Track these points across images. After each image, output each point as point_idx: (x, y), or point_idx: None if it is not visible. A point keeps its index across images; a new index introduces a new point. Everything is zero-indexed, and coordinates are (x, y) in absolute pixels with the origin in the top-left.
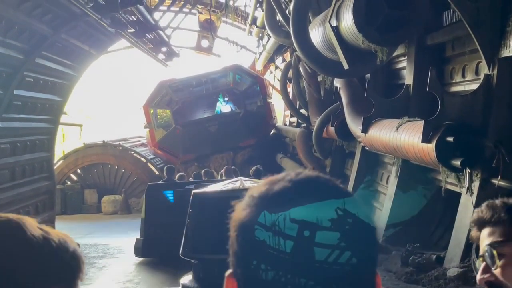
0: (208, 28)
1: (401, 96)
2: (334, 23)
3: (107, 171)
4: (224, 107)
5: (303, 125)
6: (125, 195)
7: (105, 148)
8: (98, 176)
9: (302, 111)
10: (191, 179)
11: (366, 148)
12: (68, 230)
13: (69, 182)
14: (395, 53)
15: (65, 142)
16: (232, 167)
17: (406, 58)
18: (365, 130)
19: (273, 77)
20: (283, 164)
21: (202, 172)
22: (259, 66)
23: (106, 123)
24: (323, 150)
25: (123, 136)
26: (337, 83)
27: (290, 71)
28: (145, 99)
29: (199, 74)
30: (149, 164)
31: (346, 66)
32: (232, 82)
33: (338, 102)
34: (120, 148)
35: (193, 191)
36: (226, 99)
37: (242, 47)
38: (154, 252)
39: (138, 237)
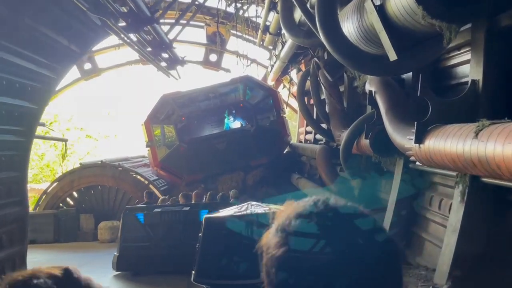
0: (216, 42)
1: (467, 94)
2: (377, 1)
3: (106, 194)
4: (233, 122)
5: (321, 142)
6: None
7: (103, 168)
8: (96, 199)
9: (322, 125)
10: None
11: (418, 163)
12: (59, 262)
13: (64, 207)
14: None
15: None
16: (209, 192)
17: (461, 50)
18: (419, 139)
19: (286, 92)
20: (300, 185)
21: (180, 195)
22: (271, 79)
23: (123, 141)
24: (351, 169)
25: (124, 155)
26: (372, 86)
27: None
28: (146, 115)
29: (206, 86)
30: (151, 186)
31: (393, 57)
32: (242, 95)
33: (373, 110)
34: (120, 169)
35: (205, 215)
36: (235, 113)
37: (252, 61)
38: (128, 266)
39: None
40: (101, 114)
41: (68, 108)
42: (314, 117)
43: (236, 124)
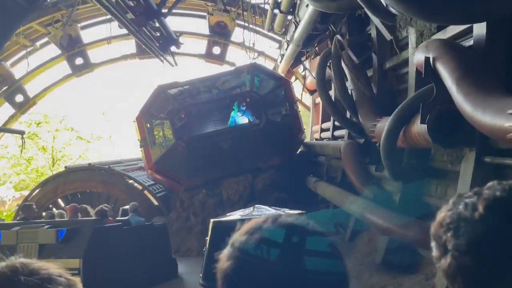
0: (219, 33)
1: None
2: None
3: (95, 201)
4: (239, 117)
5: (342, 139)
6: None
7: (91, 172)
8: None
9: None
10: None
11: None
12: None
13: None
14: None
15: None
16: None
17: None
18: None
19: (297, 87)
20: (319, 190)
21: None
22: (282, 70)
23: (119, 143)
24: (396, 168)
25: (118, 158)
26: (430, 51)
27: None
28: (139, 109)
29: (208, 76)
30: (146, 192)
31: None
32: (250, 86)
33: (429, 85)
34: (111, 172)
35: (212, 219)
36: (242, 107)
37: (260, 53)
38: None
39: None
40: (96, 114)
41: (59, 108)
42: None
43: (242, 119)
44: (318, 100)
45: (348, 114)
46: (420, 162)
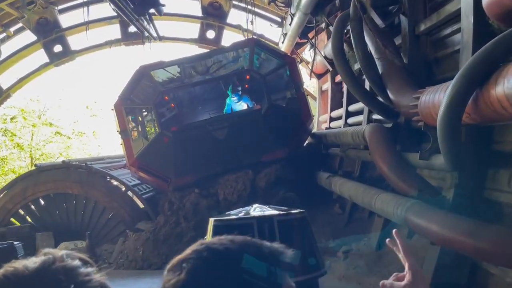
0: (214, 14)
1: None
2: None
3: (71, 205)
4: (237, 104)
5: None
6: (90, 240)
7: (66, 172)
8: (58, 212)
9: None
10: None
11: None
12: None
13: (18, 223)
14: None
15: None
16: None
17: None
18: None
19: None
20: (334, 187)
21: None
22: (285, 49)
23: (104, 139)
24: (458, 154)
25: (100, 155)
26: None
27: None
28: (118, 95)
29: (199, 54)
30: (130, 193)
31: None
32: (249, 65)
33: None
34: (88, 171)
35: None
36: (239, 91)
37: (259, 36)
38: None
39: None
40: (79, 107)
41: (37, 101)
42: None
43: (240, 105)
44: (326, 86)
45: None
46: (491, 145)
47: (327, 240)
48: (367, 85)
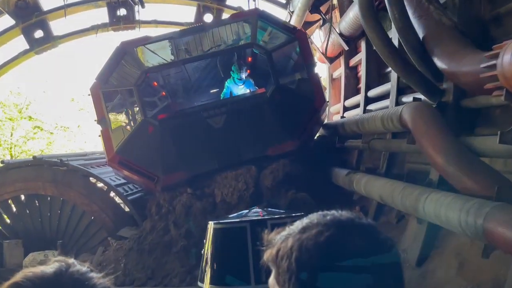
0: None
1: None
2: None
3: (45, 209)
4: (238, 87)
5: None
6: (62, 250)
7: (39, 169)
8: (30, 217)
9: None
10: None
11: None
12: None
13: None
14: None
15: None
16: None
17: None
18: None
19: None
20: (358, 185)
21: None
22: (295, 24)
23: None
24: None
25: (83, 151)
26: None
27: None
28: (96, 76)
29: (192, 27)
30: (113, 194)
31: None
32: (252, 39)
33: None
34: (64, 169)
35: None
36: (242, 73)
37: None
38: None
39: None
40: (63, 100)
41: (18, 94)
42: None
43: (243, 89)
44: (338, 73)
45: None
46: None
47: None
48: None
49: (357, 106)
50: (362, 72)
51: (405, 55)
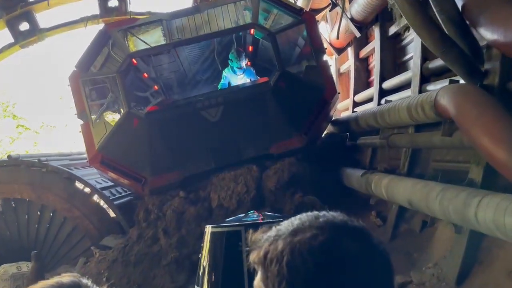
0: None
1: None
2: None
3: (22, 214)
4: (236, 76)
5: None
6: (38, 262)
7: (14, 170)
8: (5, 224)
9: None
10: None
11: None
12: None
13: None
14: None
15: None
16: None
17: None
18: None
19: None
20: (378, 188)
21: None
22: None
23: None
24: None
25: (68, 151)
26: None
27: None
28: (75, 63)
29: (185, 9)
30: (97, 198)
31: None
32: (253, 19)
33: None
34: (44, 170)
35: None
36: (241, 60)
37: None
38: None
39: None
40: (51, 97)
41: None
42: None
43: (243, 79)
44: (346, 66)
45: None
46: None
47: None
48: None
49: (368, 100)
50: (375, 62)
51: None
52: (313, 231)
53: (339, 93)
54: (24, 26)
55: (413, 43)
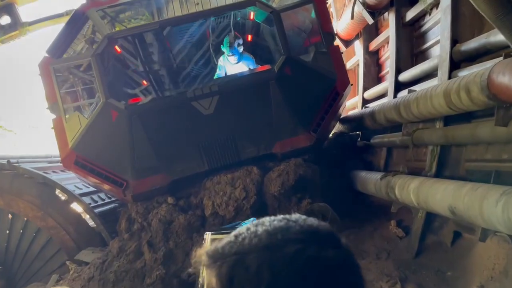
0: None
1: None
2: None
3: None
4: (232, 64)
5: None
6: (1, 279)
7: None
8: None
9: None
10: None
11: None
12: None
13: None
14: None
15: None
16: None
17: None
18: None
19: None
20: (408, 194)
21: None
22: None
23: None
24: None
25: (47, 153)
26: None
27: None
28: (47, 48)
29: None
30: (75, 206)
31: None
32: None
33: None
34: (14, 173)
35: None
36: (238, 45)
37: None
38: None
39: None
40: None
41: None
42: None
43: (239, 67)
44: (353, 62)
45: None
46: None
47: (392, 283)
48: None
49: (380, 97)
50: (390, 52)
51: None
52: (297, 245)
53: (351, 84)
54: (5, 19)
55: (440, 24)
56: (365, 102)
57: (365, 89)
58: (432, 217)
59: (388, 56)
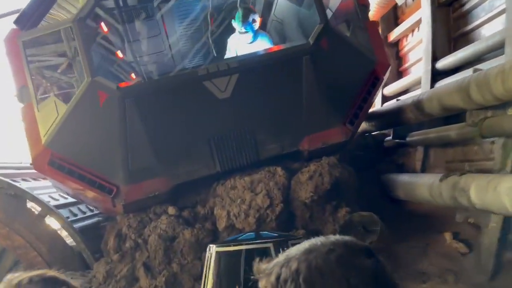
0: None
1: None
2: None
3: None
4: (245, 44)
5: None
6: None
7: None
8: None
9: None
10: None
11: None
12: None
13: None
14: None
15: None
16: None
17: None
18: None
19: None
20: (499, 198)
21: None
22: None
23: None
24: None
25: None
26: None
27: None
28: (15, 19)
29: None
30: (50, 220)
31: None
32: None
33: None
34: None
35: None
36: (253, 21)
37: None
38: None
39: None
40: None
41: None
42: None
43: (258, 44)
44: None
45: None
46: None
47: None
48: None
49: (401, 93)
50: (424, 36)
51: None
52: (329, 246)
53: (390, 65)
54: None
55: None
56: (384, 99)
57: (385, 84)
58: (506, 227)
59: (412, 47)
